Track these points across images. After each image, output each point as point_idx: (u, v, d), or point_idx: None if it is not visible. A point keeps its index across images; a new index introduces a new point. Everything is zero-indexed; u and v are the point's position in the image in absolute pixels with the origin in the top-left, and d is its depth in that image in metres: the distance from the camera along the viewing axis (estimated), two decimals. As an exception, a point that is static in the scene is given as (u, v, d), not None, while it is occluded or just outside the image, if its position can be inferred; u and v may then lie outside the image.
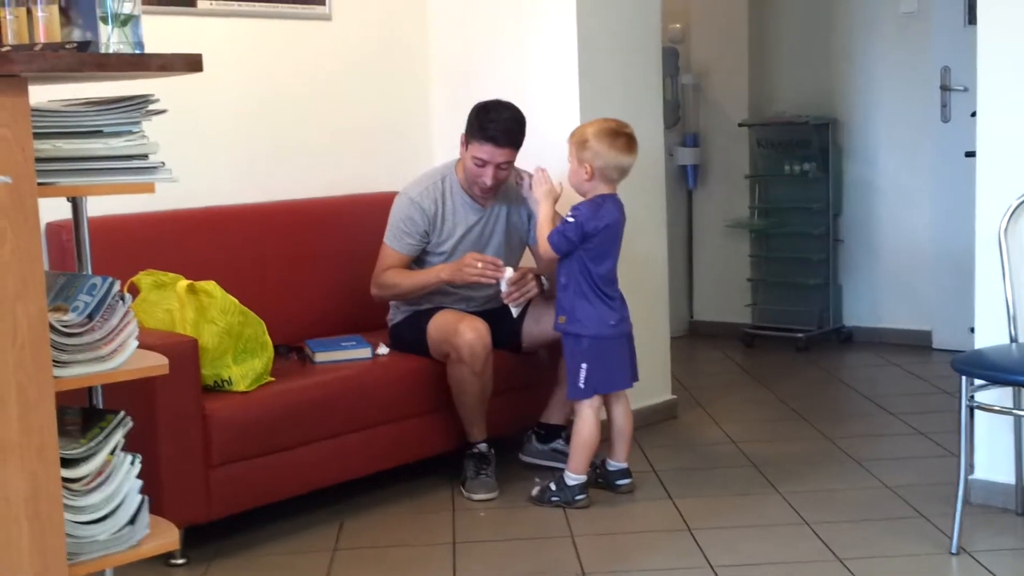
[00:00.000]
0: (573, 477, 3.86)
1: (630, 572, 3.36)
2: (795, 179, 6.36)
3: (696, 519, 3.71)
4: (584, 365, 3.82)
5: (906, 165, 6.24)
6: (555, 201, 3.90)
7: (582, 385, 3.82)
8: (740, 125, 6.50)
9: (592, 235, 3.75)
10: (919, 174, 6.15)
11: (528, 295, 3.97)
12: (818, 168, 6.30)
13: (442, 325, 3.96)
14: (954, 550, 3.34)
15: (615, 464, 3.98)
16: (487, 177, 3.97)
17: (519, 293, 3.95)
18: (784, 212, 6.45)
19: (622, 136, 3.79)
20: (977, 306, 3.80)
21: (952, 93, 5.93)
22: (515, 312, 3.99)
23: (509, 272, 3.94)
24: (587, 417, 3.85)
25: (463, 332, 3.86)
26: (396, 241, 4.07)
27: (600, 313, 3.81)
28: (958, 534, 3.35)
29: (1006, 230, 3.58)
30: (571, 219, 3.77)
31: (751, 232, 6.56)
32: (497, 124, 3.94)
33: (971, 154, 4.05)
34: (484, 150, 3.94)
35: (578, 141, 3.79)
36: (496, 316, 4.09)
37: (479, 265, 3.90)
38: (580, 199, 3.84)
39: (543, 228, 3.85)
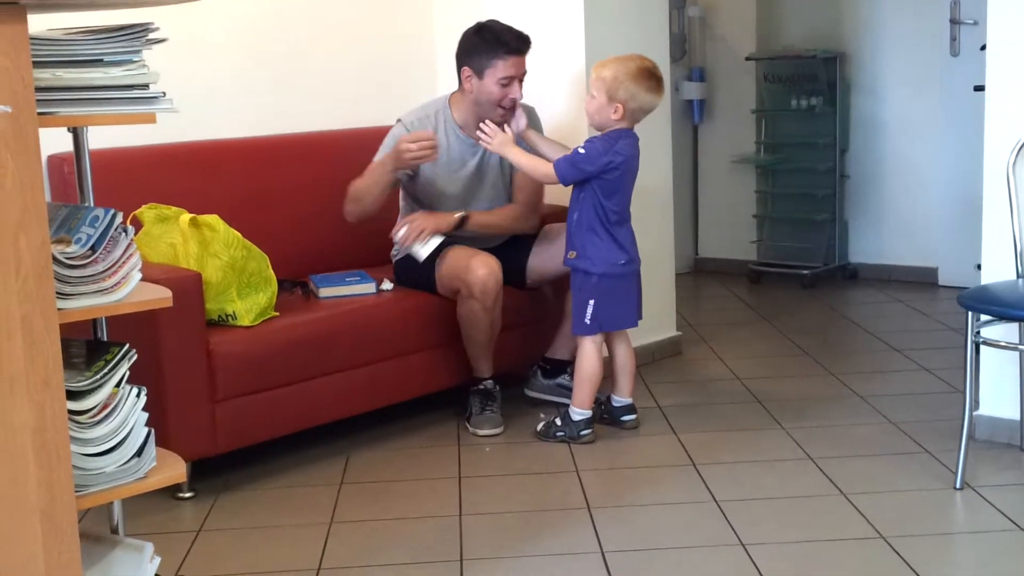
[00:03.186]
0: (578, 412, 3.86)
1: (635, 506, 3.37)
2: (802, 114, 6.31)
3: (700, 454, 3.72)
4: (592, 301, 3.81)
5: (914, 100, 6.18)
6: (514, 141, 3.86)
7: (588, 321, 3.81)
8: (747, 59, 6.43)
9: (605, 170, 3.71)
10: (927, 109, 6.10)
11: (418, 228, 3.87)
12: (825, 103, 6.25)
13: (454, 261, 3.93)
14: (958, 485, 3.35)
15: (620, 400, 3.99)
16: (516, 92, 3.92)
17: (409, 230, 3.89)
18: (790, 147, 6.41)
19: (655, 78, 3.76)
20: (984, 242, 3.78)
21: (961, 26, 5.86)
22: (422, 254, 3.88)
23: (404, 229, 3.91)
24: (589, 352, 3.85)
25: (475, 268, 3.84)
26: (378, 157, 4.00)
27: (609, 250, 3.79)
28: (962, 469, 3.36)
29: (1014, 165, 3.55)
30: (582, 151, 3.73)
31: (757, 168, 6.53)
32: (511, 33, 3.91)
33: (980, 88, 4.01)
34: (511, 64, 3.89)
35: (611, 81, 3.70)
36: (500, 253, 4.08)
37: (413, 146, 3.82)
38: (570, 134, 3.81)
39: (529, 164, 3.82)
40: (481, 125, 3.88)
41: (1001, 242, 3.66)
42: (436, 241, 3.89)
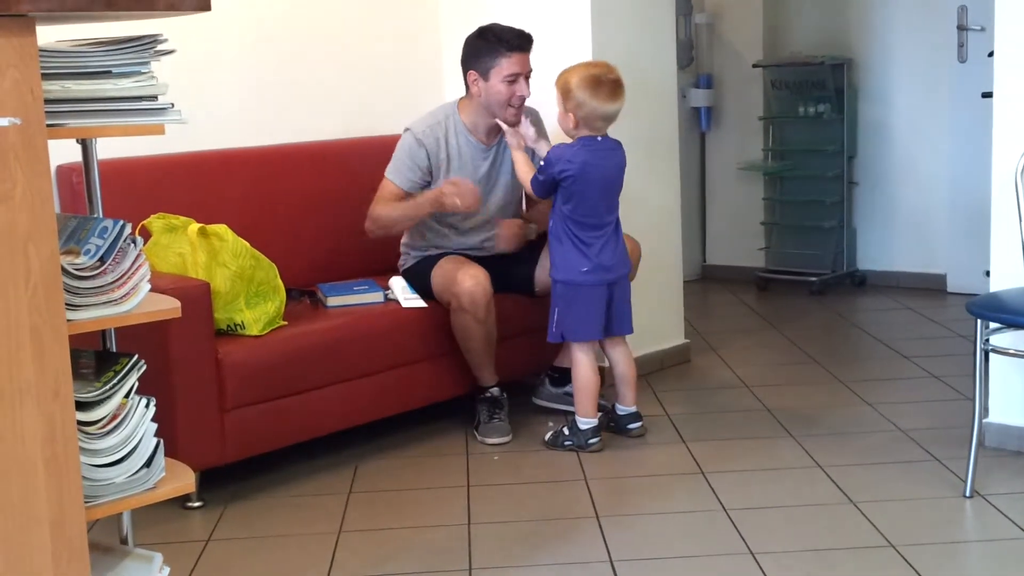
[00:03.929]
0: (584, 421, 3.86)
1: (643, 515, 3.37)
2: (810, 121, 6.31)
3: (709, 463, 3.71)
4: (556, 309, 3.83)
5: (922, 106, 6.18)
6: (522, 148, 3.94)
7: (553, 328, 3.85)
8: (754, 66, 6.43)
9: (560, 177, 3.74)
10: (935, 115, 6.09)
11: (409, 298, 3.95)
12: (833, 109, 6.24)
13: (442, 274, 3.96)
14: (968, 493, 3.34)
15: (624, 408, 3.98)
16: (523, 90, 3.95)
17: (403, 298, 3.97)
18: (798, 154, 6.41)
19: (606, 83, 3.74)
20: (992, 249, 3.78)
21: (969, 33, 5.85)
22: (409, 304, 3.94)
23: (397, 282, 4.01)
24: (580, 361, 3.85)
25: (462, 280, 3.85)
26: (397, 175, 4.03)
27: (571, 258, 3.80)
28: (972, 477, 3.35)
29: (1022, 172, 3.54)
30: (542, 162, 3.79)
31: (765, 175, 6.52)
32: (513, 32, 3.95)
33: (988, 95, 4.00)
34: (515, 61, 3.93)
35: (562, 89, 3.76)
36: (509, 262, 4.09)
37: (459, 202, 3.88)
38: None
39: (521, 175, 3.92)
40: (500, 124, 3.96)
41: (1010, 249, 3.65)
42: (418, 300, 3.95)
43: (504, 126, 3.95)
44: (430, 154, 4.01)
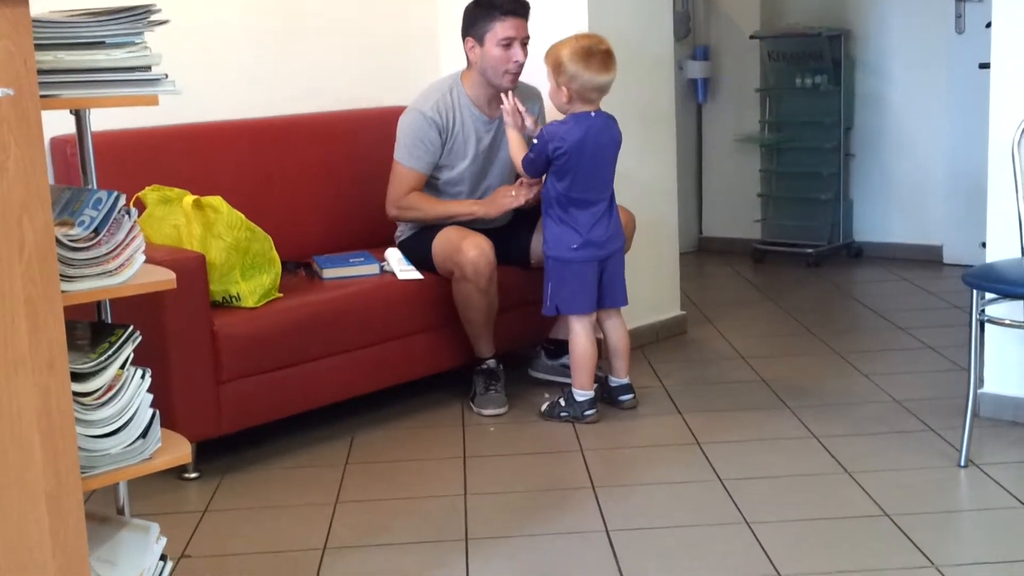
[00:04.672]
0: (580, 393, 3.87)
1: (639, 485, 3.38)
2: (806, 92, 6.29)
3: (705, 433, 3.73)
4: (549, 284, 3.84)
5: (919, 77, 6.16)
6: (520, 128, 3.90)
7: (547, 303, 3.85)
8: (751, 37, 6.41)
9: (554, 156, 3.73)
10: (932, 86, 6.08)
11: (405, 270, 3.97)
12: (830, 81, 6.22)
13: (445, 243, 3.94)
14: (963, 463, 3.36)
15: (616, 380, 3.99)
16: (519, 55, 3.93)
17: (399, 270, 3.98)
18: (795, 126, 6.40)
19: (597, 55, 3.72)
20: (989, 220, 3.78)
21: (966, 3, 5.84)
22: (404, 276, 3.96)
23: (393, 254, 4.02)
24: (577, 333, 3.86)
25: (466, 250, 3.84)
26: (411, 159, 4.01)
27: (561, 233, 3.80)
28: (967, 447, 3.36)
29: (1019, 143, 3.54)
30: (535, 141, 3.78)
31: (761, 147, 6.51)
32: None
33: (985, 66, 3.99)
34: (509, 25, 3.91)
35: (553, 64, 3.74)
36: (506, 233, 4.08)
37: (512, 193, 3.94)
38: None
39: (513, 154, 3.90)
40: (503, 97, 3.94)
41: (1006, 220, 3.65)
42: (413, 272, 3.96)
43: (505, 106, 3.89)
44: (442, 131, 3.99)
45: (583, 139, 3.73)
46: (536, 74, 4.02)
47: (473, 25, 3.97)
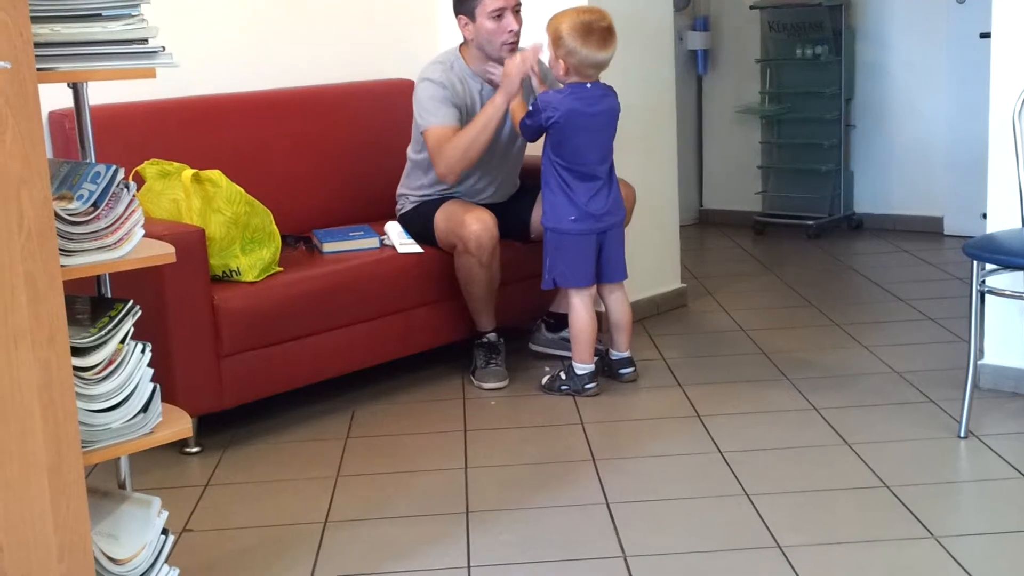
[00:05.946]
0: (580, 367, 3.87)
1: (640, 458, 3.39)
2: (807, 63, 6.27)
3: (705, 406, 3.73)
4: (547, 257, 3.84)
5: (920, 47, 6.13)
6: (512, 96, 3.84)
7: (546, 275, 3.86)
8: (752, 7, 6.38)
9: (548, 125, 3.73)
10: (933, 56, 6.06)
11: (405, 243, 3.96)
12: (830, 51, 6.20)
13: (448, 217, 3.93)
14: (962, 434, 3.36)
15: (617, 354, 3.99)
16: (511, 23, 3.90)
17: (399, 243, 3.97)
18: (796, 97, 6.37)
19: (597, 31, 3.70)
20: (989, 191, 3.77)
21: (968, -27, 5.81)
22: (404, 249, 3.95)
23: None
24: (576, 306, 3.86)
25: (469, 223, 3.83)
26: (439, 116, 3.91)
27: (560, 204, 3.79)
28: (967, 418, 3.37)
29: (1020, 113, 3.53)
30: (531, 107, 3.78)
31: (762, 118, 6.49)
32: None
33: (986, 35, 3.97)
34: None
35: (552, 36, 3.73)
36: (505, 207, 4.07)
37: (518, 59, 3.82)
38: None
39: (514, 115, 3.88)
40: (489, 67, 3.92)
41: (1007, 190, 3.64)
42: (414, 246, 3.96)
43: (506, 64, 3.84)
44: (453, 92, 3.97)
45: (575, 110, 3.72)
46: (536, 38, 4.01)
47: (462, 2, 3.95)
